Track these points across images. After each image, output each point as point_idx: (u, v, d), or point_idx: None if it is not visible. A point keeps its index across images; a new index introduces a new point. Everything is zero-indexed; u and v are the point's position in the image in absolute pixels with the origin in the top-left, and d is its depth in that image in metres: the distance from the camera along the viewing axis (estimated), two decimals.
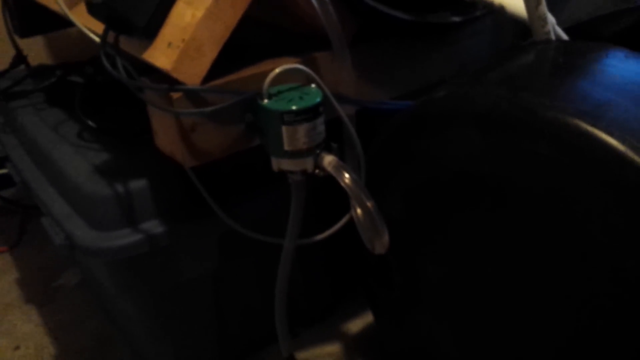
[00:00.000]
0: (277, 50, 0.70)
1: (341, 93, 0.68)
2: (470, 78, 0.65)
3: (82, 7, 0.70)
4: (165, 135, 0.65)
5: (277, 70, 0.61)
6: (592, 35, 0.83)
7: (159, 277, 0.76)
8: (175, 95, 0.60)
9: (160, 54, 0.61)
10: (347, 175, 0.62)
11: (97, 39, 0.67)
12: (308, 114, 0.61)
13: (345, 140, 0.68)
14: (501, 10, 0.71)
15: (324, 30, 0.65)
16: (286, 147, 0.62)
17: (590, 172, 0.51)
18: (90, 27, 0.71)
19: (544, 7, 0.65)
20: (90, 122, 0.82)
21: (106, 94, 0.89)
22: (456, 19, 0.77)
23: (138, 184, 0.72)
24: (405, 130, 0.67)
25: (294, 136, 0.61)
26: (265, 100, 0.62)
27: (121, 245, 0.71)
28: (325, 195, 0.73)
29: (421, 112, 0.65)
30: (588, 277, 0.55)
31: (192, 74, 0.61)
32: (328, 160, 0.63)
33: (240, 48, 0.69)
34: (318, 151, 0.63)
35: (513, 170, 0.57)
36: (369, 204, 0.61)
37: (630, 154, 0.49)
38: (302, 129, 0.61)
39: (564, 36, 0.71)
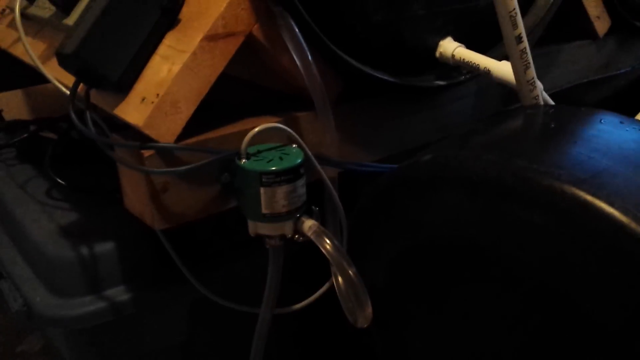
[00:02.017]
0: (257, 109, 0.66)
1: (323, 154, 0.63)
2: (457, 141, 0.60)
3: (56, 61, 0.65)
4: (134, 195, 0.59)
5: (256, 129, 0.57)
6: (573, 102, 0.80)
7: (121, 348, 0.68)
8: (147, 153, 0.55)
9: (133, 110, 0.56)
10: (328, 241, 0.56)
11: (67, 92, 0.62)
12: (288, 175, 0.56)
13: (326, 203, 0.63)
14: (487, 75, 0.68)
15: (307, 90, 0.61)
16: (264, 210, 0.56)
17: (590, 244, 0.46)
18: (64, 80, 0.67)
19: (532, 71, 0.62)
20: (59, 180, 0.76)
21: (80, 151, 0.83)
22: (440, 82, 0.74)
23: (104, 247, 0.66)
24: (389, 194, 0.62)
25: (273, 198, 0.56)
26: (243, 160, 0.56)
27: (82, 314, 0.64)
28: (303, 260, 0.67)
29: (406, 176, 0.60)
30: (586, 354, 0.49)
31: (166, 131, 0.56)
32: (308, 225, 0.58)
33: (218, 106, 0.65)
34: (298, 215, 0.58)
35: (503, 238, 0.52)
36: (351, 272, 0.56)
37: (634, 226, 0.44)
38: (281, 191, 0.56)
39: (551, 102, 0.68)
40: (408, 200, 0.59)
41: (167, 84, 0.55)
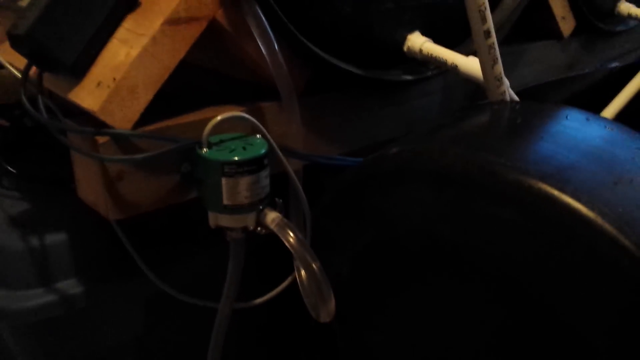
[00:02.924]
0: (221, 98, 0.63)
1: (288, 146, 0.61)
2: (424, 135, 0.59)
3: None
4: (88, 184, 0.56)
5: (219, 118, 0.54)
6: (540, 101, 0.80)
7: (74, 344, 0.65)
8: (101, 139, 0.52)
9: (88, 94, 0.53)
10: (292, 234, 0.54)
11: (19, 75, 0.58)
12: (251, 166, 0.54)
13: (290, 196, 0.61)
14: (454, 70, 0.67)
15: (273, 80, 0.59)
16: (225, 202, 0.54)
17: (556, 240, 0.45)
18: (19, 65, 0.63)
19: (500, 67, 0.61)
20: (9, 168, 0.72)
21: (33, 138, 0.79)
22: (407, 77, 0.73)
23: (55, 238, 0.62)
24: (355, 188, 0.60)
25: (235, 189, 0.54)
26: (205, 150, 0.54)
27: (30, 307, 0.60)
28: (266, 254, 0.65)
29: (371, 169, 0.59)
30: (551, 351, 0.49)
31: (123, 117, 0.53)
32: (272, 217, 0.56)
33: (180, 94, 0.62)
34: (261, 207, 0.56)
35: (469, 233, 0.51)
36: (315, 266, 0.54)
37: (600, 221, 0.44)
38: (244, 182, 0.54)
39: (516, 98, 0.68)
40: (373, 194, 0.58)
41: (124, 68, 0.52)
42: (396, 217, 0.56)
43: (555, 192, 0.45)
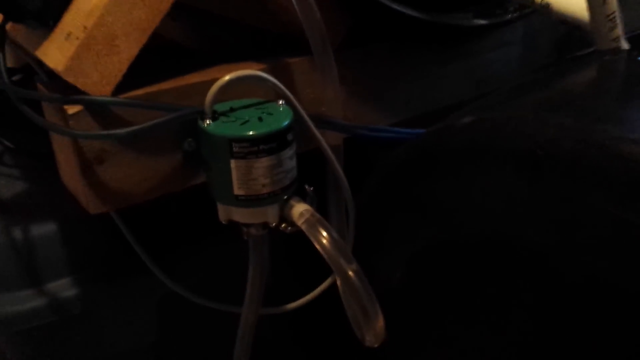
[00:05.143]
0: (238, 54, 0.49)
1: (323, 114, 0.48)
2: (507, 99, 0.45)
3: None
4: (67, 167, 0.43)
5: (226, 78, 0.40)
6: None
7: (72, 353, 0.54)
8: (72, 109, 0.38)
9: (55, 49, 0.39)
10: (324, 234, 0.40)
11: None
12: (270, 144, 0.40)
13: (328, 181, 0.49)
14: (545, 10, 0.50)
15: (302, 28, 0.45)
16: (237, 191, 0.40)
17: None
18: None
19: (614, 3, 0.43)
20: (6, 142, 0.61)
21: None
22: (480, 21, 0.58)
23: (46, 229, 0.52)
24: (412, 170, 0.48)
25: (249, 175, 0.40)
26: (208, 121, 0.39)
27: (19, 312, 0.51)
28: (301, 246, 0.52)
29: (435, 145, 0.46)
30: None
31: (99, 79, 0.39)
32: (299, 211, 0.42)
33: (186, 49, 0.48)
34: (285, 197, 0.42)
35: (578, 241, 0.37)
36: (352, 274, 0.40)
37: None
38: (260, 165, 0.40)
39: (627, 46, 0.50)
40: (437, 179, 0.45)
41: (98, 12, 0.38)
42: (467, 213, 0.43)
43: None
